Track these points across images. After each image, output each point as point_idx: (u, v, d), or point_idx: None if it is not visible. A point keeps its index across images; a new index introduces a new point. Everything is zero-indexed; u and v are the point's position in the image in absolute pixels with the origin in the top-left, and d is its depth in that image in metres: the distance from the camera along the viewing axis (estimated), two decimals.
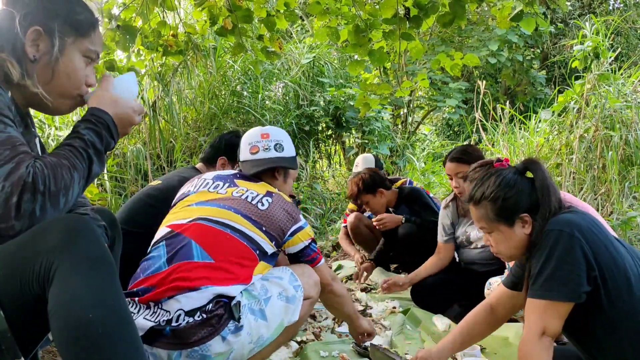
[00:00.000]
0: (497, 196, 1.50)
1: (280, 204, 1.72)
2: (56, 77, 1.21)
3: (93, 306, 0.96)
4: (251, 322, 1.51)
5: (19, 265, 1.00)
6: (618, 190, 3.99)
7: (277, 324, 1.58)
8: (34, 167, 1.02)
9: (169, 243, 1.59)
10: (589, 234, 1.35)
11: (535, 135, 5.03)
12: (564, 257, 1.33)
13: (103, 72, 3.53)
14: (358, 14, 3.12)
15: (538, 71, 9.34)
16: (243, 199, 1.69)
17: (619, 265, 1.34)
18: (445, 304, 2.77)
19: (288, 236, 1.71)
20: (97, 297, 0.98)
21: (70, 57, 1.22)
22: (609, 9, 10.38)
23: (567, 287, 1.33)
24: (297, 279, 1.68)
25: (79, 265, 0.99)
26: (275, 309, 1.57)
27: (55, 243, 0.99)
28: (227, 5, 3.27)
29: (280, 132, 1.95)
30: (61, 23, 1.20)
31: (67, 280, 0.97)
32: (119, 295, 1.03)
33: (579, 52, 4.60)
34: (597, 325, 1.38)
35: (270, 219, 1.67)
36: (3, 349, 0.98)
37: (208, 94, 5.92)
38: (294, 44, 7.26)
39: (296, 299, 1.64)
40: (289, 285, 1.64)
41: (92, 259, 1.01)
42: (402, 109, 8.21)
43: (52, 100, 1.21)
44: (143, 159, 5.14)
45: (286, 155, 1.89)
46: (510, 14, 2.86)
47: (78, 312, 0.95)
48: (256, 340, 1.53)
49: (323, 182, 6.99)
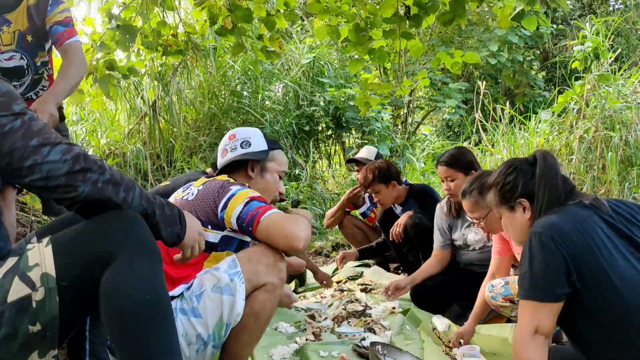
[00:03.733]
0: (498, 181, 1.59)
1: (211, 185, 1.66)
2: None
3: (151, 291, 1.09)
4: (184, 323, 1.45)
5: (82, 252, 1.09)
6: (618, 191, 3.99)
7: (215, 319, 1.46)
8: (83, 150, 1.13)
9: None
10: (569, 237, 1.35)
11: (535, 135, 5.03)
12: (542, 259, 1.36)
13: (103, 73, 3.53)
14: (358, 12, 3.12)
15: (538, 72, 9.35)
16: (180, 199, 1.71)
17: (601, 270, 1.32)
18: (445, 304, 2.77)
19: (220, 212, 1.60)
20: (154, 283, 1.10)
21: None
22: (610, 9, 10.38)
23: (544, 288, 1.35)
24: (236, 265, 1.49)
25: (140, 254, 1.09)
26: (209, 304, 1.45)
27: (117, 232, 1.09)
28: (227, 5, 3.27)
29: (249, 130, 1.91)
30: None
31: (131, 263, 1.07)
32: (165, 285, 1.15)
33: (579, 52, 4.61)
34: (584, 326, 1.38)
35: (198, 205, 1.63)
36: (47, 335, 1.04)
37: (208, 94, 5.92)
38: (294, 44, 7.26)
39: (230, 288, 1.46)
40: (223, 275, 1.47)
41: (149, 250, 1.11)
42: (402, 109, 8.22)
43: None
44: (143, 159, 5.13)
45: (253, 150, 1.84)
46: (512, 13, 2.86)
47: (139, 294, 1.06)
48: (195, 339, 1.46)
49: (323, 182, 6.99)
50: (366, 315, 2.65)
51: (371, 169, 3.37)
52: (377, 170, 3.35)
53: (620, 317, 1.31)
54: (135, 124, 5.59)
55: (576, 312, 1.37)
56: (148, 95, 5.55)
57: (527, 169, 1.55)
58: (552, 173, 1.50)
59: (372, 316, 2.65)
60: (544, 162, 1.52)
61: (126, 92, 5.51)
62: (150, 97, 5.53)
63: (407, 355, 1.96)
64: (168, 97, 5.47)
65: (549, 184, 1.48)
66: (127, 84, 5.41)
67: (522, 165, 1.57)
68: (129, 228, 1.11)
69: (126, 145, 5.33)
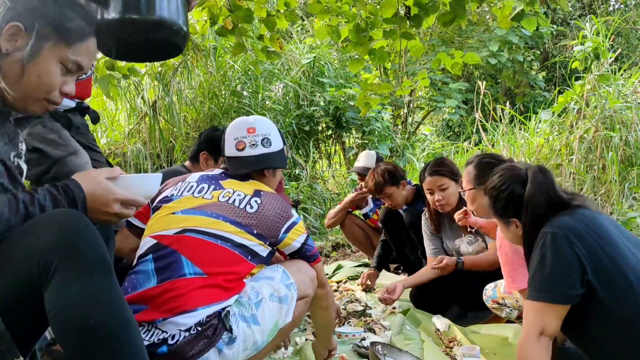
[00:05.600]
0: (492, 194, 1.59)
1: (270, 202, 1.65)
2: (26, 76, 1.17)
3: (96, 312, 0.97)
4: (245, 330, 1.47)
5: (15, 265, 1.00)
6: (618, 191, 3.99)
7: (271, 327, 1.53)
8: None
9: (157, 257, 1.51)
10: (584, 236, 1.35)
11: (535, 135, 5.03)
12: (556, 259, 1.34)
13: (104, 73, 3.53)
14: (358, 12, 3.12)
15: (538, 72, 9.34)
16: (230, 203, 1.61)
17: (618, 268, 1.32)
18: (445, 304, 2.77)
19: (282, 234, 1.63)
20: (98, 301, 0.99)
21: (47, 60, 1.19)
22: (610, 9, 10.38)
23: (559, 289, 1.34)
24: (289, 277, 1.60)
25: (78, 267, 0.98)
26: (267, 312, 1.51)
27: (52, 240, 0.99)
28: (227, 5, 3.27)
29: (267, 123, 1.83)
30: (43, 24, 1.17)
31: (67, 284, 0.97)
32: (119, 297, 1.03)
33: (579, 52, 4.60)
34: (596, 326, 1.37)
35: (260, 220, 1.59)
36: (2, 349, 0.98)
37: (208, 94, 5.92)
38: (294, 44, 7.26)
39: (289, 298, 1.56)
40: (280, 285, 1.56)
41: (91, 261, 1.00)
42: (402, 110, 8.21)
43: (15, 96, 1.18)
44: (143, 159, 5.14)
45: (274, 149, 1.78)
46: (511, 14, 2.86)
47: (80, 318, 0.96)
48: (251, 346, 1.49)
49: (323, 183, 6.99)
50: (366, 315, 2.66)
51: (380, 173, 3.28)
52: (386, 173, 3.28)
53: (635, 315, 1.31)
54: (136, 124, 5.59)
55: (588, 313, 1.36)
56: (148, 95, 5.55)
57: (518, 189, 1.54)
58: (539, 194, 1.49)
59: (372, 316, 2.65)
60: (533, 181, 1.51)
61: (126, 92, 5.52)
62: (151, 97, 5.53)
63: (407, 355, 1.96)
64: (168, 97, 5.47)
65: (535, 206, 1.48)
66: (127, 84, 5.41)
67: (515, 185, 1.55)
68: (66, 236, 1.00)
69: (126, 145, 5.34)
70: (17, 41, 1.15)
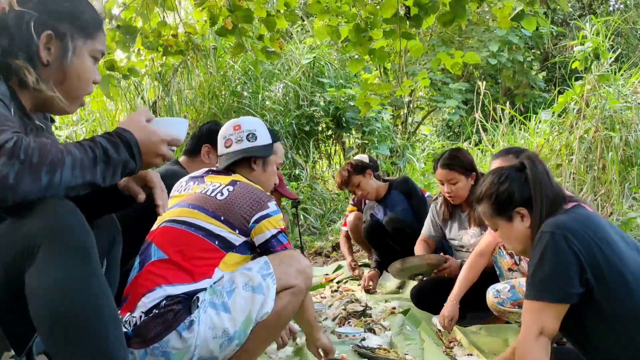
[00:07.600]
0: (491, 192, 1.54)
1: (243, 191, 1.67)
2: (68, 80, 1.20)
3: (67, 298, 0.97)
4: (212, 317, 1.48)
5: (3, 250, 1.00)
6: (618, 191, 3.99)
7: (243, 316, 1.52)
8: (20, 139, 0.97)
9: (141, 252, 1.64)
10: (582, 235, 1.34)
11: (535, 136, 5.03)
12: (555, 259, 1.34)
13: (104, 73, 3.53)
14: (358, 13, 3.13)
15: (538, 72, 9.35)
16: (203, 193, 1.68)
17: (615, 267, 1.32)
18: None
19: (252, 223, 1.63)
20: (72, 288, 0.98)
21: (82, 59, 1.22)
22: (609, 9, 10.38)
23: (558, 288, 1.34)
24: (269, 267, 1.59)
25: (58, 253, 0.98)
26: (240, 301, 1.52)
27: (40, 226, 0.99)
28: (227, 5, 3.27)
29: (254, 121, 1.91)
30: (69, 25, 1.19)
31: (45, 269, 0.97)
32: (98, 289, 1.02)
33: (579, 52, 4.60)
34: (592, 325, 1.37)
35: (229, 207, 1.62)
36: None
37: (208, 94, 5.93)
38: (294, 44, 7.26)
39: (263, 287, 1.54)
40: (256, 275, 1.56)
41: (74, 248, 1.00)
42: (402, 110, 8.21)
43: (64, 102, 1.20)
44: None
45: (259, 143, 1.85)
46: (511, 14, 2.86)
47: (51, 303, 0.96)
48: (221, 334, 1.49)
49: (323, 183, 6.99)
50: (366, 315, 2.66)
51: (344, 168, 3.42)
52: (349, 166, 3.39)
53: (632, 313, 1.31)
54: None
55: (587, 312, 1.36)
56: (148, 96, 5.55)
57: (518, 176, 1.52)
58: (545, 177, 1.48)
59: (372, 316, 2.65)
60: (534, 166, 1.49)
61: (126, 92, 5.52)
62: (151, 97, 5.54)
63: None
64: (168, 97, 5.47)
65: (544, 188, 1.46)
66: (127, 84, 5.42)
67: (513, 173, 1.53)
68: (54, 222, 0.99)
69: None
70: (51, 49, 1.17)
